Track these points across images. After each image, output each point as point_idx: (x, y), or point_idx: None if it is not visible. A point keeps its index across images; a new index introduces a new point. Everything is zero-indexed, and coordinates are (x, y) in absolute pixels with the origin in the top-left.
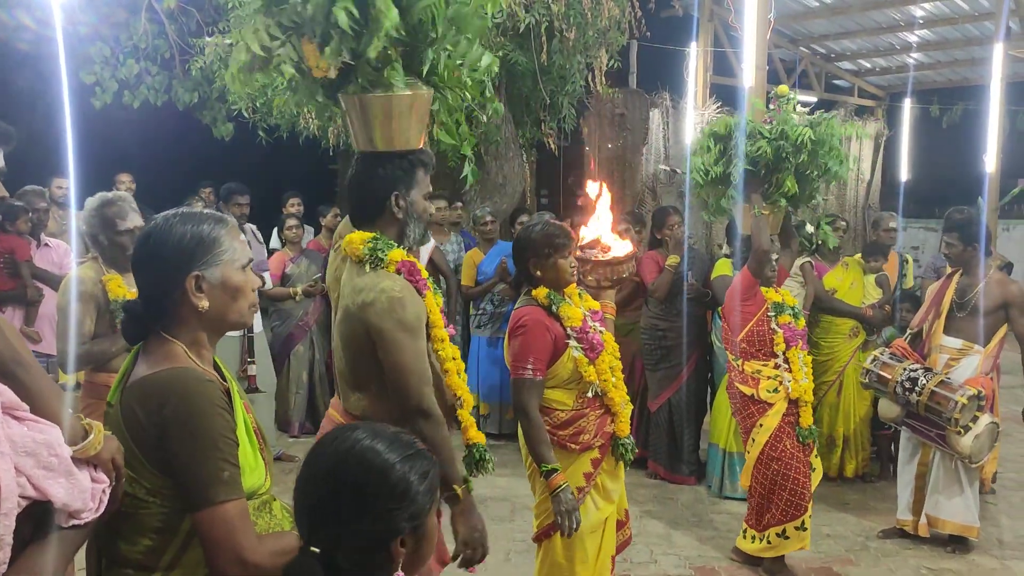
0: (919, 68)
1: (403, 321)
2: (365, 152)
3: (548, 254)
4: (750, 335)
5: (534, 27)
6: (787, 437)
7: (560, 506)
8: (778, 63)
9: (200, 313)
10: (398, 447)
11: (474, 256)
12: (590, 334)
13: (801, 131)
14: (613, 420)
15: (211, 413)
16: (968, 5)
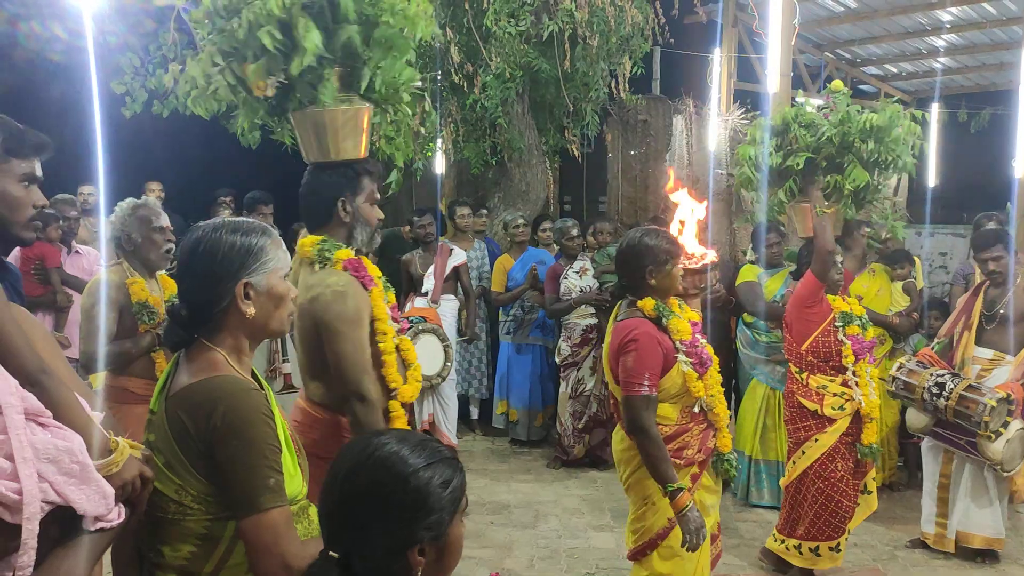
0: (946, 73)
1: (343, 313)
2: (314, 163)
3: (665, 261)
4: (815, 346)
5: (557, 34)
6: (840, 458)
7: (689, 524)
8: (803, 68)
9: (246, 320)
10: (421, 453)
11: (504, 262)
12: (699, 348)
13: (868, 116)
14: (715, 435)
15: (258, 422)
16: (995, 9)
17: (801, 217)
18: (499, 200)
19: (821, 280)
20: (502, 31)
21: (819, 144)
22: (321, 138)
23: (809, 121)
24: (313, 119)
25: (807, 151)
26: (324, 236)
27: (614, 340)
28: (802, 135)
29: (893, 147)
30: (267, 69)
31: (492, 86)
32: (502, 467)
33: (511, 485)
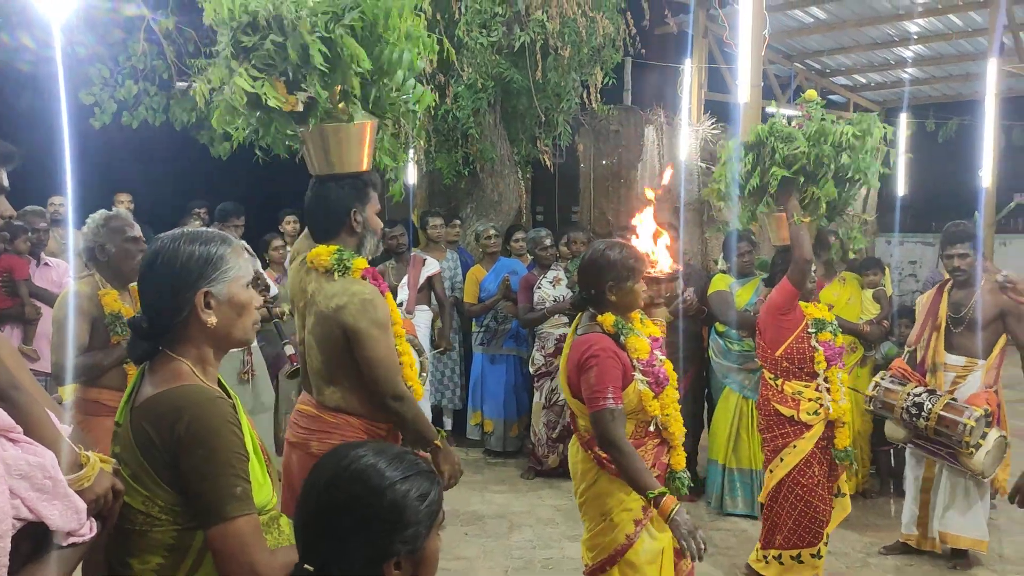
0: (914, 83)
1: (376, 320)
2: (322, 175)
3: (627, 277)
4: (789, 352)
5: (529, 45)
6: (817, 463)
7: (680, 528)
8: (773, 79)
9: (208, 330)
10: (399, 466)
11: (476, 273)
12: (656, 367)
13: (843, 129)
14: (669, 452)
15: (223, 430)
16: (962, 21)
17: (776, 226)
18: (471, 210)
19: (798, 288)
20: (474, 41)
21: (795, 157)
22: (330, 151)
23: (786, 135)
24: (323, 133)
25: (783, 167)
26: (337, 246)
27: (573, 355)
28: (780, 148)
29: (864, 161)
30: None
31: (464, 96)
32: (476, 478)
33: (485, 496)
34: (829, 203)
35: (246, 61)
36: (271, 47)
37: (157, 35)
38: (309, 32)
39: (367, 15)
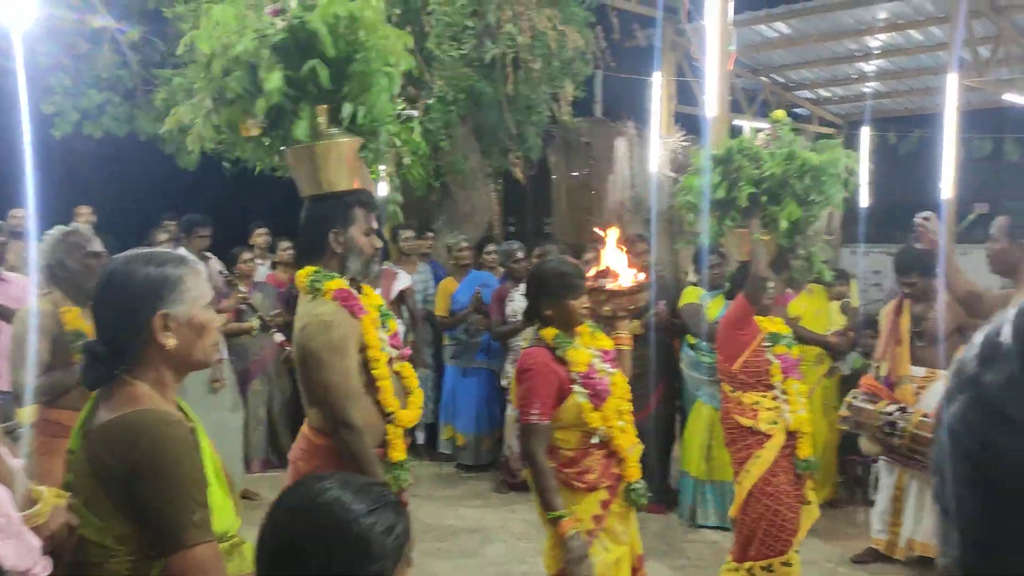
0: (876, 97)
1: (329, 342)
2: (309, 196)
3: (559, 294)
4: (746, 364)
5: (500, 58)
6: (782, 472)
7: (570, 554)
8: (740, 92)
9: (167, 353)
10: (364, 499)
11: (448, 285)
12: (595, 379)
13: (806, 155)
14: (620, 464)
15: (180, 455)
16: (922, 36)
17: (737, 241)
18: (443, 223)
19: (753, 304)
20: (444, 54)
21: (761, 177)
22: (312, 172)
23: (753, 153)
24: (301, 154)
25: (750, 184)
26: (317, 267)
27: (516, 366)
28: (746, 167)
29: (828, 185)
30: (242, 111)
31: (435, 109)
32: (449, 492)
33: (458, 511)
34: (790, 223)
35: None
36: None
37: (122, 44)
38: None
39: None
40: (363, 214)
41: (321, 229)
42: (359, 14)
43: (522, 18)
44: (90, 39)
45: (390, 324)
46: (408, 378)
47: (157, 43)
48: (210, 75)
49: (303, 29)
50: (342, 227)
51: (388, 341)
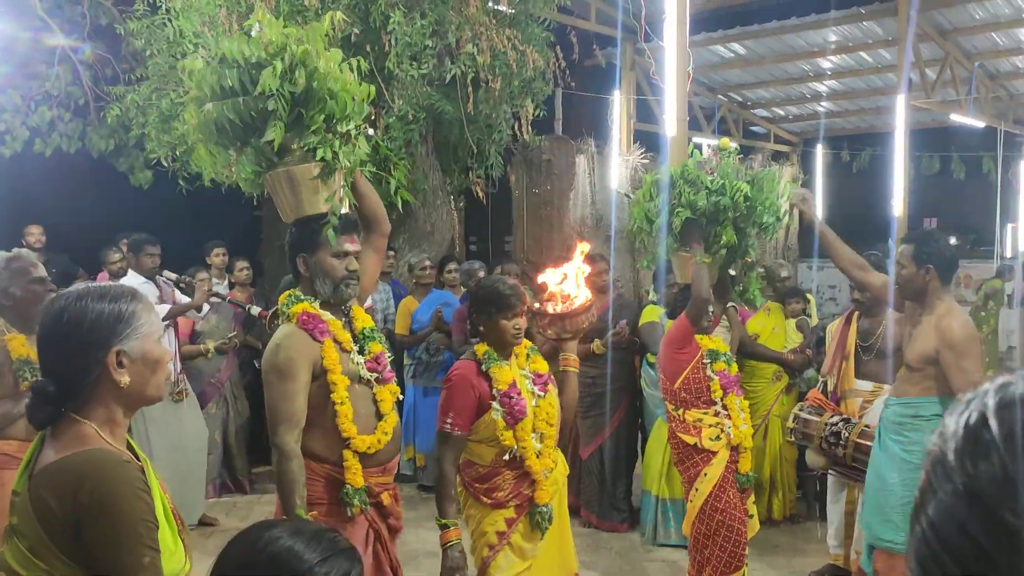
0: (829, 116)
1: (275, 364)
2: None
3: (490, 313)
4: (687, 383)
5: (460, 77)
6: (730, 487)
7: (446, 562)
8: (698, 111)
9: (120, 390)
10: (317, 547)
11: (409, 304)
12: (513, 400)
13: (739, 186)
14: (531, 485)
15: (130, 496)
16: (872, 58)
17: (681, 264)
18: (404, 241)
19: (694, 324)
20: (404, 73)
21: (698, 202)
22: (286, 197)
23: (693, 178)
24: (275, 181)
25: (687, 209)
26: (292, 290)
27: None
28: (686, 192)
29: (762, 214)
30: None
31: (395, 128)
32: (410, 515)
33: (420, 533)
34: (730, 247)
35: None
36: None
37: (73, 60)
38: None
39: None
40: (333, 237)
41: (293, 253)
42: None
43: (482, 38)
44: (45, 58)
45: (372, 347)
46: (383, 402)
47: (109, 59)
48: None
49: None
50: (309, 251)
51: (364, 364)
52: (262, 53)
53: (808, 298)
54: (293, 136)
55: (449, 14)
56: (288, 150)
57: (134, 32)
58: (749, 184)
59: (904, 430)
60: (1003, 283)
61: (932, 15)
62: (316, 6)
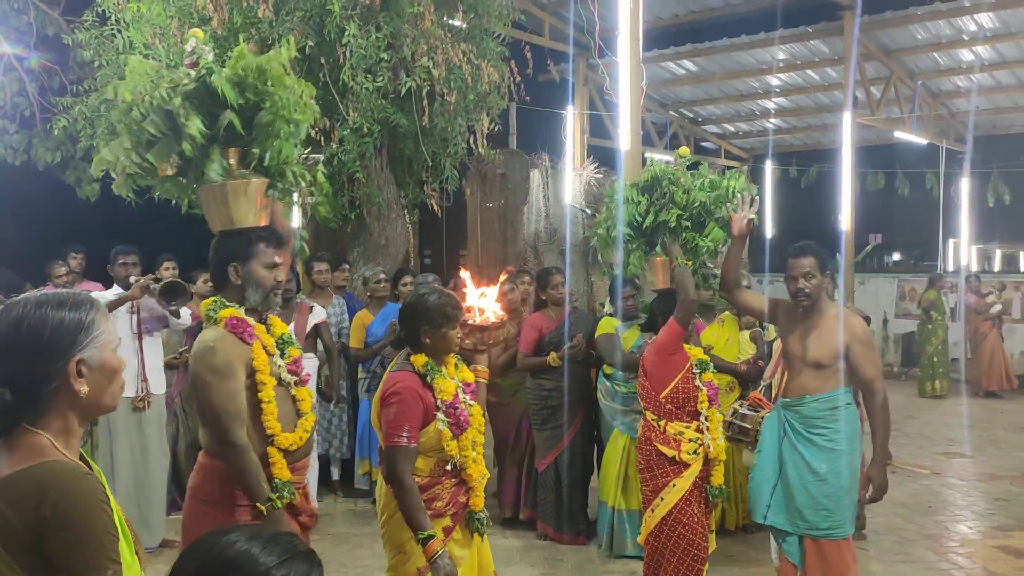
0: (778, 132)
1: (212, 365)
2: (217, 232)
3: (441, 324)
4: (675, 392)
5: (415, 90)
6: (695, 501)
7: (439, 572)
8: (650, 126)
9: (78, 399)
10: (274, 550)
11: (363, 318)
12: (459, 410)
13: (729, 182)
14: (468, 493)
15: (94, 509)
16: (819, 76)
17: (654, 270)
18: (358, 254)
19: (684, 328)
20: (359, 86)
21: (690, 203)
22: (219, 209)
23: (678, 178)
24: (212, 193)
25: (678, 208)
26: (216, 297)
27: (381, 388)
28: (675, 192)
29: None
30: (160, 153)
31: (350, 140)
32: (365, 530)
33: (375, 548)
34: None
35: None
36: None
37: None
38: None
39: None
40: (265, 249)
41: (224, 262)
42: (266, 66)
43: (437, 52)
44: None
45: (291, 351)
46: (303, 402)
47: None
48: (130, 120)
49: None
50: (243, 261)
51: (286, 367)
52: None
53: None
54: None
55: (404, 27)
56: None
57: (82, 42)
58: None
59: (825, 423)
60: (937, 293)
61: (876, 34)
62: (270, 18)
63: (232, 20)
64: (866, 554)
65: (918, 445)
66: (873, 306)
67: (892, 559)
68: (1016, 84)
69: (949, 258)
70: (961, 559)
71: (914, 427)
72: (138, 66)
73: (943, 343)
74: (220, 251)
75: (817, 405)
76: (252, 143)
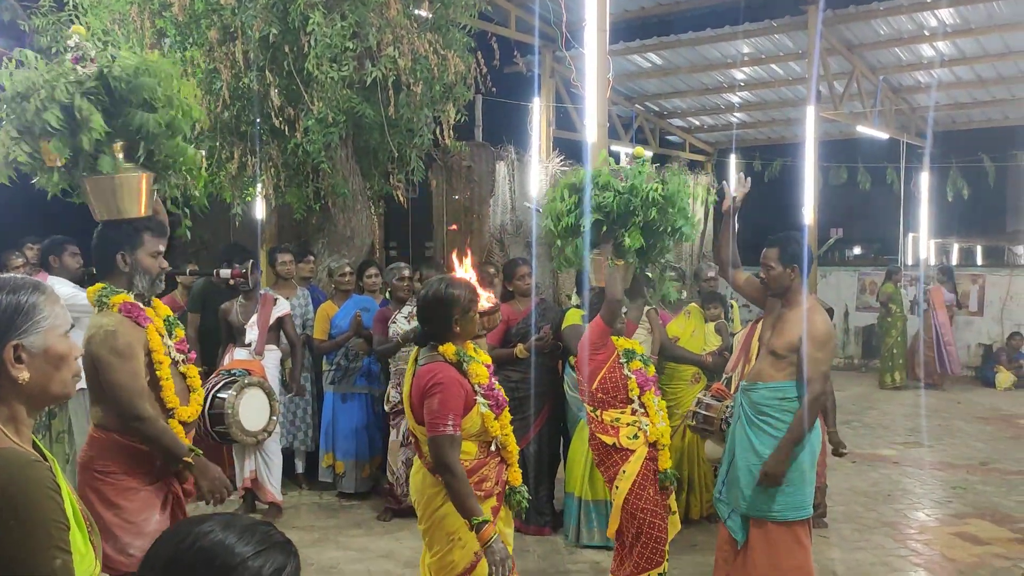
0: (742, 126)
1: (115, 348)
2: (101, 221)
3: (468, 308)
4: (604, 383)
5: (381, 81)
6: (650, 484)
7: (495, 556)
8: (616, 119)
9: (20, 386)
10: (250, 540)
11: (327, 309)
12: (495, 391)
13: (652, 186)
14: (508, 470)
15: (41, 497)
16: (783, 70)
17: (594, 267)
18: (323, 246)
19: (609, 326)
20: (324, 75)
21: (606, 205)
22: (106, 200)
23: (605, 182)
24: (98, 184)
25: (596, 211)
26: (105, 284)
27: (417, 383)
28: (596, 195)
29: (674, 217)
30: (57, 145)
31: (314, 131)
32: (330, 523)
33: (340, 541)
34: (639, 250)
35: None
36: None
37: None
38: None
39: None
40: (151, 238)
41: (111, 250)
42: (154, 67)
43: (403, 42)
44: None
45: (177, 332)
46: (192, 379)
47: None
48: (22, 110)
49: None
50: (130, 250)
51: (174, 347)
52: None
53: (732, 304)
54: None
55: (369, 16)
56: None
57: (39, 28)
58: (661, 187)
59: (772, 411)
60: (895, 286)
61: (839, 29)
62: (233, 5)
63: (194, 6)
64: (826, 541)
65: (877, 435)
66: (835, 299)
67: (852, 546)
68: (975, 80)
69: (908, 252)
70: (919, 546)
71: (873, 417)
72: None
73: (902, 335)
74: (107, 240)
75: (767, 393)
76: (146, 139)
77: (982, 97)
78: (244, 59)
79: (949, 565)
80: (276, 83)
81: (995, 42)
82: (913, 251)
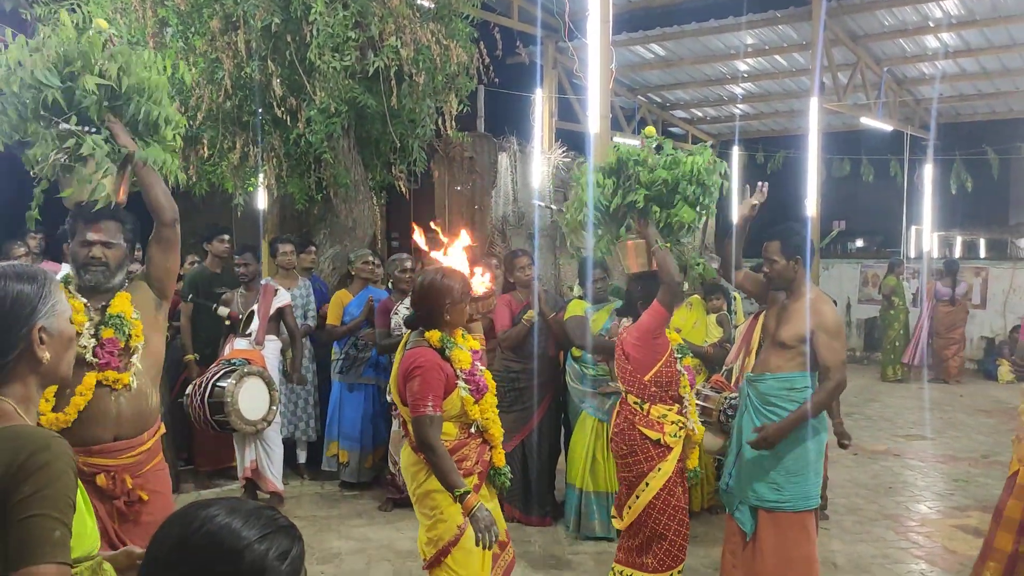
0: (745, 118)
1: None
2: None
3: (460, 299)
4: (658, 376)
5: (383, 71)
6: (679, 484)
7: (480, 523)
8: (618, 110)
9: (40, 366)
10: (255, 524)
11: (342, 297)
12: (476, 376)
13: (694, 159)
14: (491, 451)
15: (65, 468)
16: (786, 61)
17: (626, 253)
18: (325, 236)
19: (669, 311)
20: (326, 65)
21: (654, 182)
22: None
23: (644, 159)
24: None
25: (645, 188)
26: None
27: (402, 366)
28: (641, 172)
29: (710, 190)
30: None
31: (317, 121)
32: (332, 512)
33: (342, 531)
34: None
35: None
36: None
37: None
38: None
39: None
40: (80, 226)
41: (65, 242)
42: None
43: (405, 32)
44: None
45: (103, 332)
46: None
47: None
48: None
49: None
50: (70, 239)
51: (93, 349)
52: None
53: (736, 296)
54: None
55: (372, 6)
56: None
57: (41, 17)
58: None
59: (780, 401)
60: (897, 279)
61: (844, 20)
62: None
63: None
64: (828, 533)
65: (879, 427)
66: (837, 291)
67: (853, 538)
68: (979, 71)
69: (911, 245)
70: (920, 538)
71: (875, 410)
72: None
73: (904, 328)
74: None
75: (775, 383)
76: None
77: (986, 89)
78: (246, 48)
79: (950, 557)
80: (278, 73)
81: (1000, 34)
82: (916, 244)
